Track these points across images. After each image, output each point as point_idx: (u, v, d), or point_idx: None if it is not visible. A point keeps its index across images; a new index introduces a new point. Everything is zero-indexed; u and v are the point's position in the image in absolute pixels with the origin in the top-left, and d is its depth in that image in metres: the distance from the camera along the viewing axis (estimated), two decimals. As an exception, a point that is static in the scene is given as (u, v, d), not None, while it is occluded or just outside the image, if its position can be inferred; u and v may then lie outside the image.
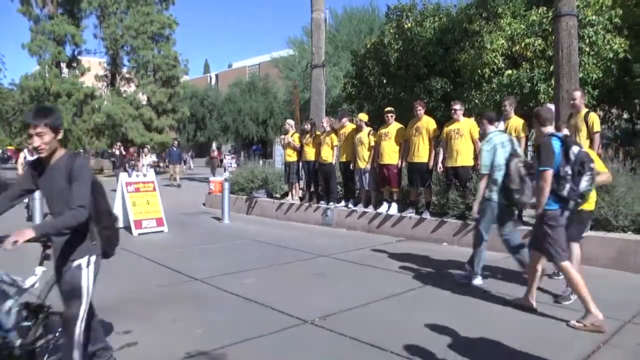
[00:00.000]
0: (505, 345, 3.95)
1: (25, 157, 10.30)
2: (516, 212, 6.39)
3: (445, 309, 4.88)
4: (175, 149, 22.71)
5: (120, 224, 10.01)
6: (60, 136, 2.97)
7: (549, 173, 4.34)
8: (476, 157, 7.81)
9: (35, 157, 3.03)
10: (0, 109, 44.11)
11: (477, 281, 5.70)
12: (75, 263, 3.07)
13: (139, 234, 9.35)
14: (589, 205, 4.77)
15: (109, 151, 27.82)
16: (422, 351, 3.82)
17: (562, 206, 4.40)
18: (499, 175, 5.47)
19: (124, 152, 20.82)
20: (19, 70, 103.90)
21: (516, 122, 7.40)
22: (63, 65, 32.60)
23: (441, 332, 4.24)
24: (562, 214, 4.42)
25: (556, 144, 4.41)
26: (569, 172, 4.28)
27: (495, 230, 5.76)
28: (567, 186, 4.27)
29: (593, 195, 4.65)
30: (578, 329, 4.22)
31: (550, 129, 4.71)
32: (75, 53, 33.06)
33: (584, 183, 4.27)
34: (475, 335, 4.16)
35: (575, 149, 4.31)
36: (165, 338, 4.18)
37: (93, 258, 3.16)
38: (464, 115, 8.18)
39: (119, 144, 22.40)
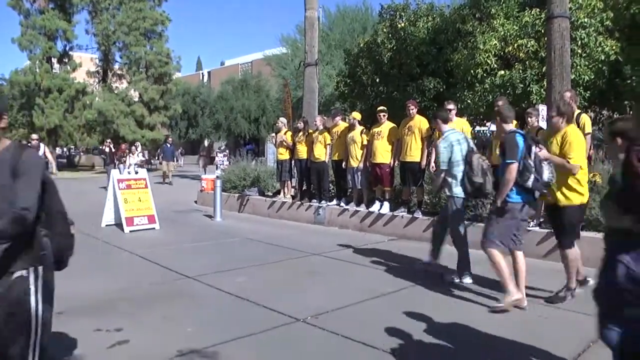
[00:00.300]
0: (496, 344, 3.97)
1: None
2: None
3: (437, 309, 4.89)
4: (169, 145, 22.53)
5: (112, 221, 9.99)
6: (4, 124, 2.53)
7: (515, 166, 4.56)
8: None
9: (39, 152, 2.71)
10: (-11, 104, 43.69)
11: (467, 280, 5.75)
12: (17, 274, 2.35)
13: (130, 231, 9.30)
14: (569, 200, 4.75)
15: (100, 147, 27.49)
16: (414, 350, 3.84)
17: (525, 199, 4.63)
18: (457, 171, 5.76)
19: (113, 149, 20.56)
20: (9, 65, 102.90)
21: None
22: (54, 60, 32.36)
23: (432, 331, 4.26)
24: (522, 209, 4.65)
25: (520, 139, 4.65)
26: (532, 164, 4.53)
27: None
28: (532, 177, 4.49)
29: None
30: (499, 310, 4.59)
31: (511, 126, 5.01)
32: (67, 48, 32.84)
33: (546, 173, 4.53)
34: (467, 334, 4.19)
35: (533, 148, 4.61)
36: (156, 336, 4.16)
37: (41, 271, 2.45)
38: (456, 115, 8.23)
39: (108, 140, 22.04)
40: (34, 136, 10.63)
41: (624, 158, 2.34)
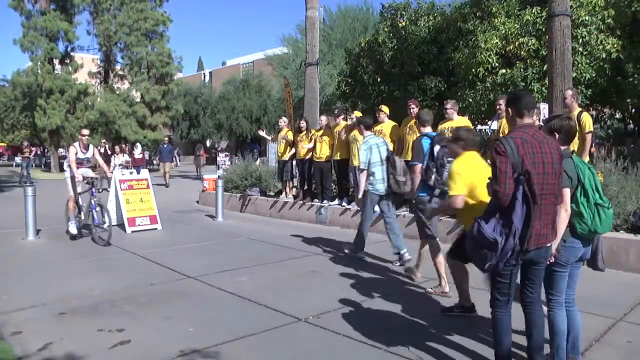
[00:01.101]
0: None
1: (76, 153, 8.51)
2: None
3: (439, 307, 4.89)
4: (165, 145, 21.50)
5: (114, 221, 9.99)
6: None
7: (418, 167, 5.36)
8: None
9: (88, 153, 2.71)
10: (-9, 105, 43.80)
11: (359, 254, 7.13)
12: None
13: (132, 232, 9.31)
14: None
15: (97, 149, 27.21)
16: (416, 349, 3.83)
17: (430, 193, 5.27)
18: (376, 170, 6.67)
19: (109, 150, 20.14)
20: (11, 66, 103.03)
21: None
22: (56, 61, 32.37)
23: (435, 330, 4.26)
24: (430, 200, 5.28)
25: (426, 143, 5.36)
26: (433, 164, 5.23)
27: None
28: (433, 177, 5.19)
29: None
30: (431, 293, 5.28)
31: (428, 129, 5.63)
32: (68, 49, 32.83)
33: (445, 173, 5.04)
34: (469, 333, 4.18)
35: (437, 148, 5.23)
36: (158, 336, 4.16)
37: None
38: (458, 114, 8.23)
39: (103, 140, 21.49)
40: (85, 132, 8.92)
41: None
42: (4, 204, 13.97)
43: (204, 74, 58.70)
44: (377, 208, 7.13)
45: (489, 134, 7.58)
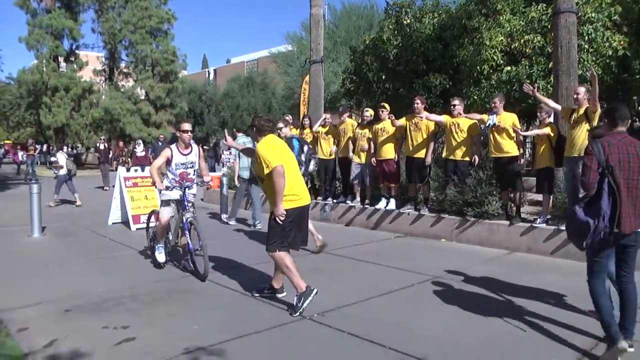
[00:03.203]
0: (502, 343, 3.96)
1: (172, 157, 6.21)
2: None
3: (443, 306, 4.88)
4: (160, 143, 19.99)
5: (119, 219, 10.03)
6: None
7: (165, 150, 6.41)
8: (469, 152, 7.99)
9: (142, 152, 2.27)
10: (-3, 103, 43.94)
11: (232, 222, 9.98)
12: None
13: (137, 229, 9.33)
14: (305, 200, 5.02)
15: (95, 145, 26.53)
16: (420, 347, 3.82)
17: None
18: (242, 160, 9.75)
19: (108, 147, 19.58)
20: (16, 64, 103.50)
21: (508, 117, 7.51)
22: (61, 59, 32.53)
23: (438, 328, 4.25)
24: None
25: (295, 142, 6.88)
26: (303, 159, 6.69)
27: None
28: (302, 169, 6.16)
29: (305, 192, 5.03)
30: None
31: (286, 130, 7.42)
32: (73, 47, 33.00)
33: (311, 167, 6.88)
34: (471, 331, 4.17)
35: (305, 147, 6.93)
36: (162, 333, 4.17)
37: None
38: (463, 111, 8.22)
39: (102, 137, 20.90)
40: (187, 126, 6.33)
41: None
42: (9, 201, 14.04)
43: (208, 71, 58.83)
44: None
45: (489, 127, 7.59)
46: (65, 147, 32.88)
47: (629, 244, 3.66)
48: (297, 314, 4.57)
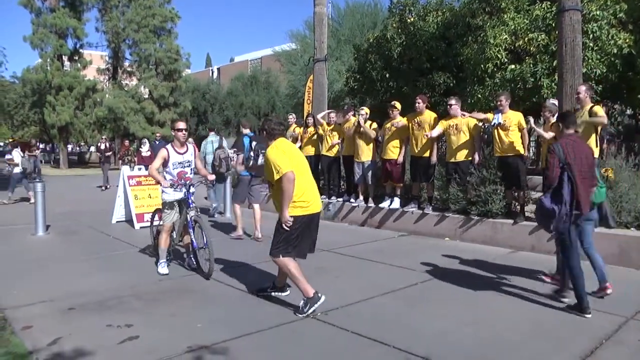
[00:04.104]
0: (504, 343, 3.94)
1: (168, 156, 6.11)
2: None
3: (447, 305, 4.87)
4: (157, 142, 19.14)
5: (123, 217, 10.05)
6: None
7: (241, 156, 8.22)
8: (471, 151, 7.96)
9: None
10: (1, 102, 44.16)
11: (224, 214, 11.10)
12: None
13: (140, 228, 9.35)
14: None
15: (96, 145, 26.17)
16: (424, 346, 3.81)
17: (249, 174, 8.25)
18: (207, 157, 11.38)
19: (107, 146, 19.27)
20: (21, 63, 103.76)
21: (514, 115, 7.43)
22: (65, 58, 32.60)
23: (442, 327, 4.24)
24: (250, 181, 8.33)
25: (246, 140, 8.16)
26: (252, 154, 7.59)
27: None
28: (252, 162, 7.58)
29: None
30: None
31: (247, 130, 8.48)
32: (77, 46, 33.06)
33: (259, 160, 7.40)
34: (474, 330, 4.15)
35: (254, 143, 7.77)
36: (166, 332, 4.17)
37: None
38: (464, 110, 8.19)
39: (104, 137, 20.43)
40: (181, 124, 6.14)
41: None
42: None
43: (212, 70, 58.84)
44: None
45: (494, 126, 7.53)
46: (40, 146, 32.61)
47: (588, 220, 4.74)
48: (298, 315, 4.55)
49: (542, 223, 4.67)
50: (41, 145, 28.03)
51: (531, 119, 7.23)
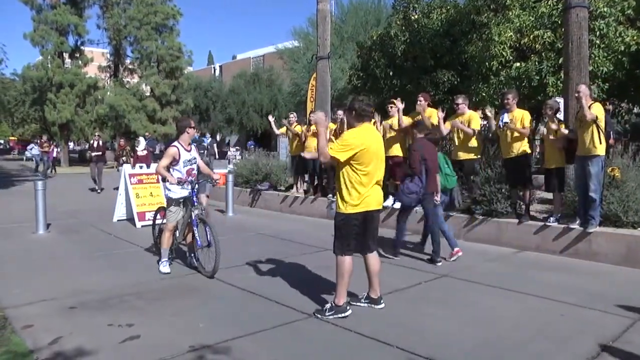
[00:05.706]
0: (508, 343, 3.88)
1: (178, 155, 6.05)
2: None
3: (451, 305, 4.82)
4: (146, 140, 17.80)
5: (124, 215, 10.00)
6: None
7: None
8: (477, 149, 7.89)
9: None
10: (2, 99, 44.13)
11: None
12: None
13: (142, 226, 9.29)
14: None
15: (89, 142, 25.37)
16: (427, 347, 3.76)
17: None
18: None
19: (100, 144, 18.38)
20: (21, 60, 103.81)
21: (520, 114, 7.29)
22: (66, 55, 32.52)
23: (446, 327, 4.18)
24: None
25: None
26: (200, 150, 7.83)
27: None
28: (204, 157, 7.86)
29: None
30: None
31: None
32: (78, 43, 32.96)
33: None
34: (477, 330, 4.09)
35: (206, 140, 8.55)
36: (168, 331, 4.11)
37: None
38: (469, 108, 8.11)
39: (97, 134, 19.51)
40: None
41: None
42: (15, 198, 14.05)
43: (214, 67, 58.77)
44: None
45: (500, 126, 7.42)
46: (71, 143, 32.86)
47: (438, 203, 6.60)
48: (315, 315, 4.44)
49: (404, 200, 6.41)
50: (53, 143, 27.48)
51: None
